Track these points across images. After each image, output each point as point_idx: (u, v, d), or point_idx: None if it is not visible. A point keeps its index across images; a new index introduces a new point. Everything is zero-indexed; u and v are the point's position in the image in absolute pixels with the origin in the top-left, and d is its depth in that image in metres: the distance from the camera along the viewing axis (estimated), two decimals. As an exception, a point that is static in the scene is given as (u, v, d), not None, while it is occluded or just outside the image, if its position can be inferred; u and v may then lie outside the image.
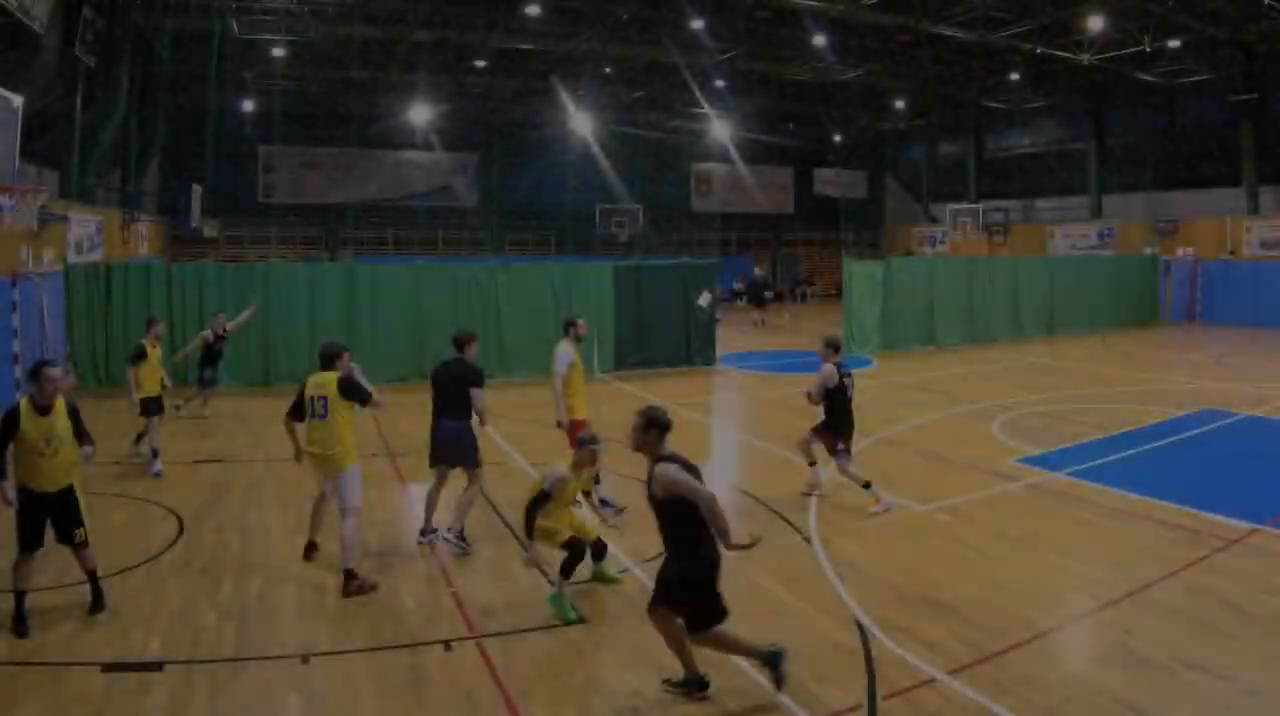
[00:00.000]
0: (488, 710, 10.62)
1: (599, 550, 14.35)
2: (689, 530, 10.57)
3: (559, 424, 17.92)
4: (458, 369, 16.44)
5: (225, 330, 27.69)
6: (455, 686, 11.13)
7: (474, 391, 16.10)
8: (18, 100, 19.37)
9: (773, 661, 10.74)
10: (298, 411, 14.79)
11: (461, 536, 16.16)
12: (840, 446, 18.44)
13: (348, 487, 14.60)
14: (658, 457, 10.81)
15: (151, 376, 21.50)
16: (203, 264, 33.26)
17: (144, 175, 56.59)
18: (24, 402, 12.46)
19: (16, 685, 10.89)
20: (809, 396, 18.82)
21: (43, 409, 12.44)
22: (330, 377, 14.60)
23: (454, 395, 16.25)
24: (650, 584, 13.15)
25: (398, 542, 16.40)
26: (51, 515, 12.65)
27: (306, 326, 32.39)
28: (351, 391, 14.59)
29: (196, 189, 53.97)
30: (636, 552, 15.45)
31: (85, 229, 38.79)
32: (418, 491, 18.80)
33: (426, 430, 16.49)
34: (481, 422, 16.35)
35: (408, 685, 11.16)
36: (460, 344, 16.64)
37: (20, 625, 12.20)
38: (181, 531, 16.77)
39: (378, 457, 22.49)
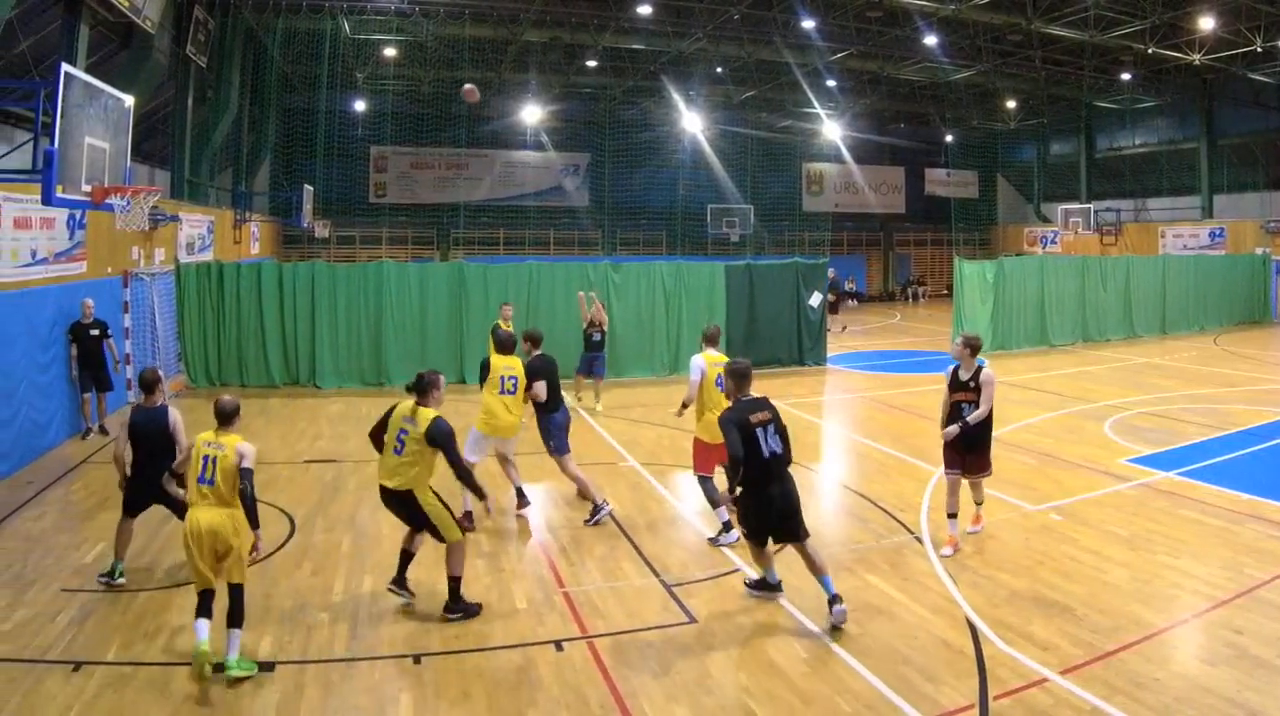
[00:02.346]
0: (599, 710, 10.62)
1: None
2: None
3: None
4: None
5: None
6: (566, 686, 11.13)
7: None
8: (130, 100, 19.51)
9: None
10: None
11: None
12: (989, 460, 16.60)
13: (512, 444, 18.19)
14: None
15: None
16: (314, 263, 33.11)
17: (255, 175, 57.78)
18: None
19: (129, 685, 11.01)
20: (977, 415, 16.31)
21: None
22: (517, 362, 17.91)
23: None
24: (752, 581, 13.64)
25: (507, 545, 16.44)
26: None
27: (417, 326, 32.78)
28: (530, 376, 17.84)
29: (308, 189, 54.58)
30: (747, 553, 15.15)
31: (197, 229, 39.41)
32: (529, 491, 18.90)
33: (534, 433, 17.03)
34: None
35: (519, 685, 11.18)
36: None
37: None
38: (293, 531, 16.97)
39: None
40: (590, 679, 11.30)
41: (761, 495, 12.91)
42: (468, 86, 17.58)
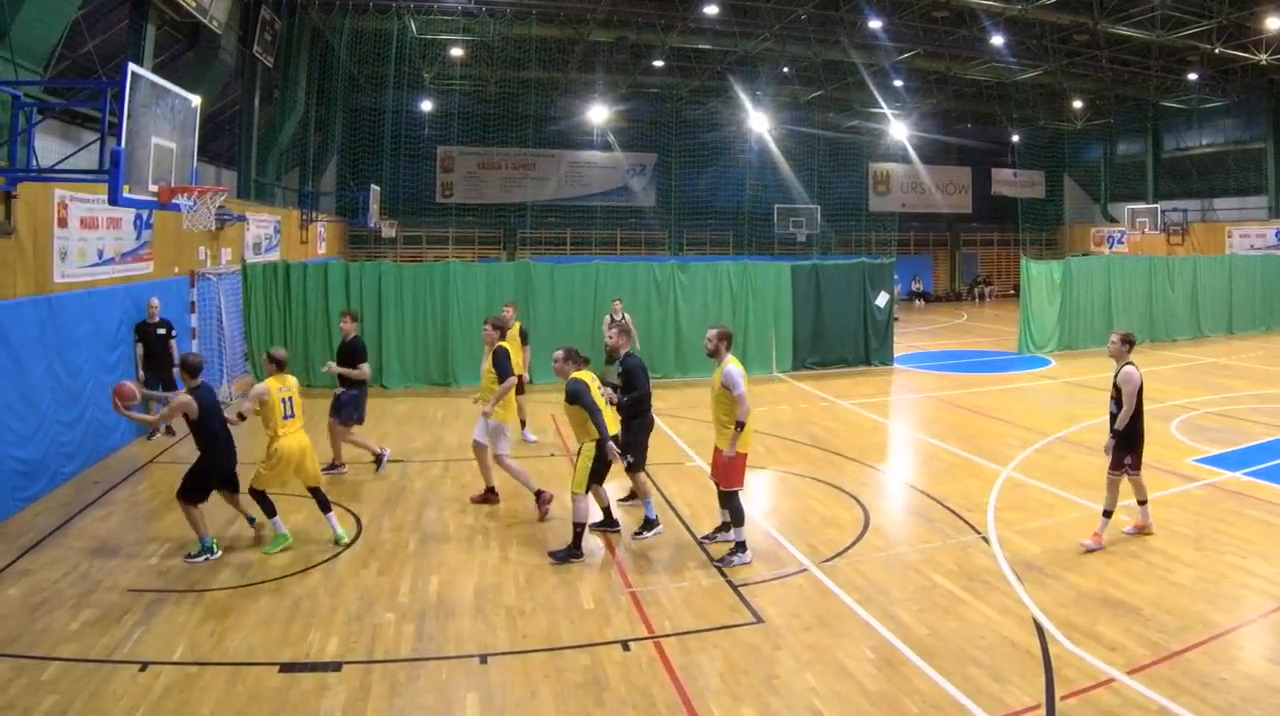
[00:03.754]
0: (665, 710, 10.64)
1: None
2: None
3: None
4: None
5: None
6: (633, 686, 11.17)
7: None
8: (196, 100, 19.60)
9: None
10: None
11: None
12: (1130, 461, 15.98)
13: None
14: None
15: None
16: (381, 263, 33.29)
17: (322, 175, 58.24)
18: None
19: (195, 685, 11.11)
20: (1116, 419, 16.19)
21: None
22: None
23: None
24: (826, 582, 13.87)
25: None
26: None
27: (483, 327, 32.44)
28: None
29: (374, 189, 54.76)
30: (814, 553, 15.55)
31: (263, 228, 39.68)
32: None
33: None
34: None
35: (585, 685, 11.20)
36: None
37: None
38: (359, 531, 17.06)
39: (555, 457, 22.72)
40: (657, 679, 11.34)
41: (645, 424, 17.22)
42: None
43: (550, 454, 22.91)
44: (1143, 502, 16.31)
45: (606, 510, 16.92)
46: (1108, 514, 15.78)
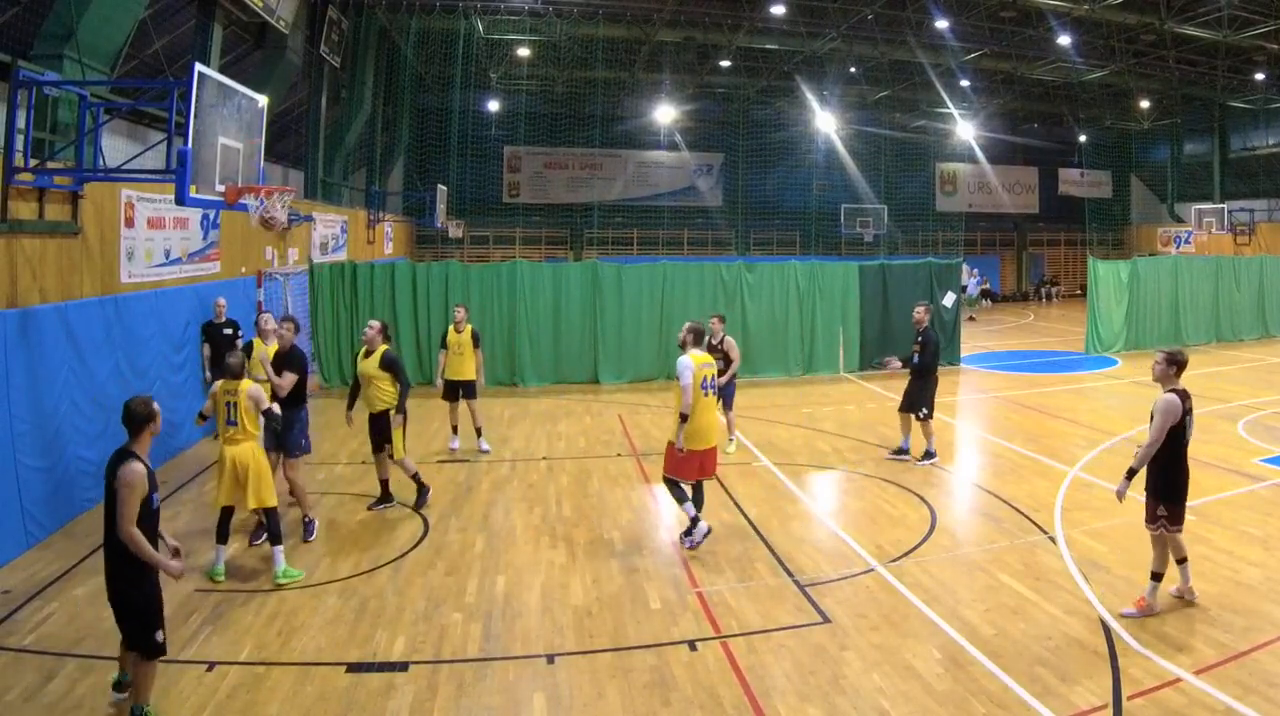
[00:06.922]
0: (732, 710, 10.65)
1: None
2: None
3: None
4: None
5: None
6: (699, 686, 11.19)
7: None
8: (263, 100, 19.65)
9: None
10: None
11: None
12: (1165, 512, 13.07)
13: None
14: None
15: (452, 361, 22.91)
16: (448, 263, 33.27)
17: (389, 175, 58.65)
18: None
19: (263, 685, 11.22)
20: (1140, 455, 13.25)
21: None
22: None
23: None
24: (893, 582, 13.89)
25: (641, 542, 16.50)
26: None
27: (551, 327, 32.91)
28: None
29: (441, 189, 54.96)
30: (881, 553, 15.56)
31: (330, 229, 39.88)
32: (662, 491, 18.65)
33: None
34: None
35: (652, 685, 11.24)
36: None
37: None
38: (426, 531, 17.13)
39: (622, 457, 22.72)
40: (724, 679, 11.36)
41: (934, 382, 21.71)
42: None
43: (617, 454, 22.97)
44: (1181, 561, 13.30)
45: (385, 483, 18.56)
46: (1156, 577, 13.06)
